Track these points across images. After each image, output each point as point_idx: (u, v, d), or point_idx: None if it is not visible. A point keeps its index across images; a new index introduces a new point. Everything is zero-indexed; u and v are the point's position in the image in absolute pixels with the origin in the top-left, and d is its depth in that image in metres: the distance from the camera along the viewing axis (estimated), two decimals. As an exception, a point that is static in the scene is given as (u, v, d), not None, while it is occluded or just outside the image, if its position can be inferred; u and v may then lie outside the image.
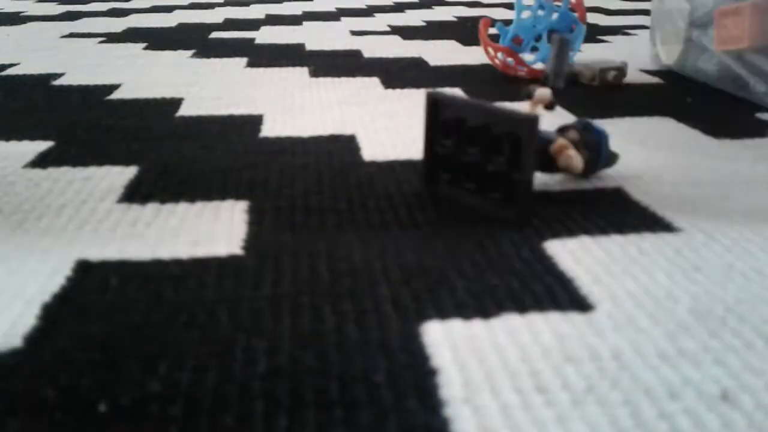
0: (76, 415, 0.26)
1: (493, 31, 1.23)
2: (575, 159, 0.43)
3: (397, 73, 0.89)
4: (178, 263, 0.37)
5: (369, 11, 1.66)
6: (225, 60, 1.00)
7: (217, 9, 1.73)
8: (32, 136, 0.61)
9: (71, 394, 0.27)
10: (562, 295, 0.34)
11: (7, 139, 0.61)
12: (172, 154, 0.57)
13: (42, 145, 0.59)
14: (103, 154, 0.56)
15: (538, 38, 0.89)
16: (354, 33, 1.29)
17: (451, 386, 0.27)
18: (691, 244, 0.40)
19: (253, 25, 1.42)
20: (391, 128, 0.64)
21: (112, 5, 1.82)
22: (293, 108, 0.71)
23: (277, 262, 0.38)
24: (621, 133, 0.62)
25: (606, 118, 0.67)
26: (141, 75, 0.90)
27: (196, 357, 0.29)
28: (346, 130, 0.63)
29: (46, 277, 0.36)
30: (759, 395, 0.27)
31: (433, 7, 1.75)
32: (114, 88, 0.82)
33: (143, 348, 0.30)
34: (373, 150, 0.57)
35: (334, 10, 1.70)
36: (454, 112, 0.43)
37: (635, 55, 0.92)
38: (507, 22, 1.29)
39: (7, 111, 0.72)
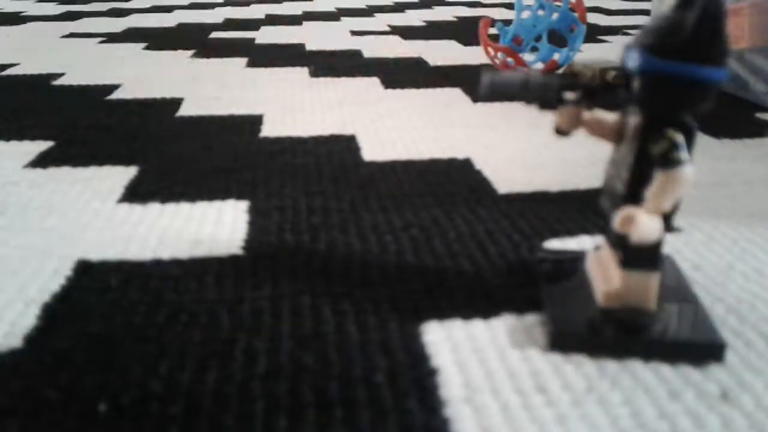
0: (76, 415, 0.26)
1: (493, 31, 1.23)
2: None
3: (397, 73, 0.89)
4: (178, 263, 0.37)
5: (369, 11, 1.66)
6: (225, 60, 1.00)
7: (217, 9, 1.73)
8: (32, 136, 0.61)
9: (71, 394, 0.27)
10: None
11: (7, 139, 0.61)
12: (172, 154, 0.57)
13: (42, 145, 0.59)
14: (103, 154, 0.56)
15: (538, 38, 0.89)
16: (354, 33, 1.29)
17: (451, 386, 0.27)
18: (691, 244, 0.40)
19: (253, 25, 1.42)
20: (391, 128, 0.64)
21: (112, 5, 1.82)
22: (293, 108, 0.71)
23: (278, 262, 0.38)
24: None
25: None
26: (141, 75, 0.90)
27: (196, 357, 0.29)
28: (346, 130, 0.63)
29: (46, 277, 0.36)
30: (759, 395, 0.27)
31: (433, 7, 1.75)
32: (114, 88, 0.82)
33: (143, 348, 0.30)
34: (373, 150, 0.57)
35: (334, 10, 1.70)
36: None
37: (635, 55, 0.92)
38: (507, 22, 1.29)
39: (7, 111, 0.72)
